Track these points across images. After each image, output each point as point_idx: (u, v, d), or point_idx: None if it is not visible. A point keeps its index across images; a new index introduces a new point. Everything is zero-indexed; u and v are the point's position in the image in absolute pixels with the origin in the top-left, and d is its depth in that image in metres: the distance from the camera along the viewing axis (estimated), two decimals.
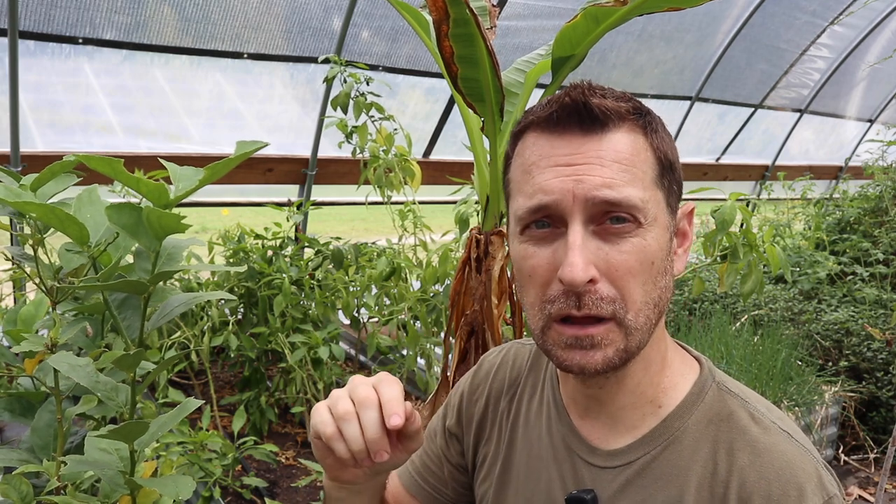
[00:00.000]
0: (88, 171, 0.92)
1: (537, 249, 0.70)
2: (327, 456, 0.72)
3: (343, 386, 0.71)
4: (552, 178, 0.68)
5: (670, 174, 0.72)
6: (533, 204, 0.69)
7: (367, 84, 3.11)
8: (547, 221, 0.69)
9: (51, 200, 0.85)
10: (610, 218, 0.67)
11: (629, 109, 0.70)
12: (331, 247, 3.27)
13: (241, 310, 3.18)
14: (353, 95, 3.07)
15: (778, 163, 6.58)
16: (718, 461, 0.70)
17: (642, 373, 0.74)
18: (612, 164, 0.67)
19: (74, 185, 0.90)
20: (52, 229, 0.84)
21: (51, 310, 0.84)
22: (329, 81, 3.15)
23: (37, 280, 0.83)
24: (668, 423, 0.74)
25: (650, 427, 0.74)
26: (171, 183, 0.76)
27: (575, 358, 0.68)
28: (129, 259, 0.86)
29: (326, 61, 3.15)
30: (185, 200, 0.75)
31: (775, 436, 0.70)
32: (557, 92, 0.73)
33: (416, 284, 3.26)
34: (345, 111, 3.08)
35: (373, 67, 3.90)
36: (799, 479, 0.66)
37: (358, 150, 3.12)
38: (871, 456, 3.21)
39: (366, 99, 3.09)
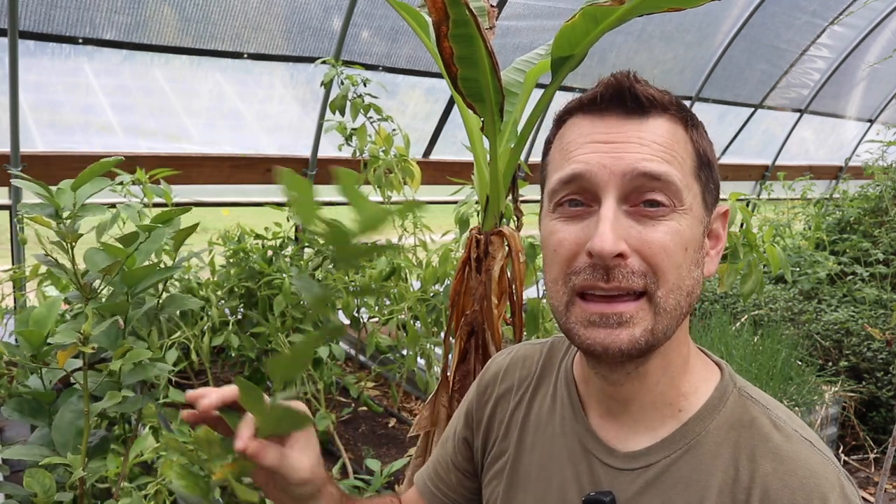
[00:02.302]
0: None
1: (566, 226, 0.69)
2: None
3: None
4: (589, 152, 0.68)
5: (708, 170, 0.72)
6: (566, 173, 0.69)
7: (365, 85, 3.10)
8: (579, 200, 0.69)
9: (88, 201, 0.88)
10: (644, 201, 0.67)
11: (672, 101, 0.71)
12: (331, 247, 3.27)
13: (241, 310, 3.18)
14: (350, 97, 3.07)
15: (778, 163, 6.58)
16: (740, 468, 0.69)
17: (661, 372, 0.73)
18: (652, 143, 0.68)
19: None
20: (83, 229, 0.87)
21: (83, 306, 0.85)
22: (326, 85, 3.15)
23: (70, 279, 0.85)
24: (690, 426, 0.73)
25: (670, 430, 0.73)
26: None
27: (598, 336, 0.66)
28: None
29: (324, 64, 3.15)
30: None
31: (798, 444, 0.69)
32: (584, 89, 0.73)
33: (416, 284, 3.25)
34: (342, 113, 3.08)
35: (373, 67, 3.90)
36: (823, 489, 0.66)
37: (358, 152, 3.12)
38: (871, 456, 3.21)
39: (363, 100, 3.08)
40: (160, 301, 0.95)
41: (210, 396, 0.72)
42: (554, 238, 0.70)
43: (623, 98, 0.69)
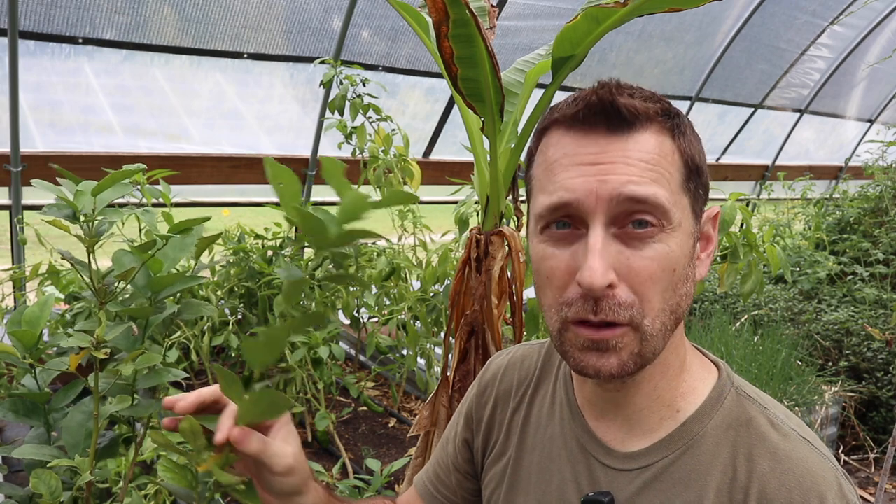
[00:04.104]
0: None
1: (556, 251, 0.69)
2: None
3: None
4: (575, 176, 0.67)
5: (697, 178, 0.71)
6: (554, 201, 0.68)
7: (364, 85, 3.11)
8: (567, 221, 0.68)
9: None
10: (633, 221, 0.66)
11: (657, 111, 0.69)
12: None
13: (241, 310, 3.18)
14: (349, 97, 3.08)
15: (778, 163, 6.58)
16: (738, 467, 0.69)
17: (660, 376, 0.74)
18: (639, 162, 0.66)
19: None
20: (107, 233, 0.87)
21: (97, 309, 0.86)
22: (326, 85, 3.15)
23: (87, 281, 0.85)
24: (688, 427, 0.73)
25: (668, 431, 0.73)
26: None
27: (591, 360, 0.67)
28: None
29: (323, 64, 3.15)
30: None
31: (795, 443, 0.69)
32: (583, 88, 0.71)
33: (416, 284, 3.25)
34: (342, 113, 3.09)
35: (373, 67, 3.90)
36: (820, 488, 0.66)
37: (357, 151, 3.12)
38: (871, 456, 3.21)
39: (363, 100, 3.09)
40: (179, 307, 0.96)
41: (187, 398, 0.71)
42: (546, 265, 0.70)
43: (606, 114, 0.67)
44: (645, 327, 0.66)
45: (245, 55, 3.54)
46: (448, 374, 1.49)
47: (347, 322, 3.33)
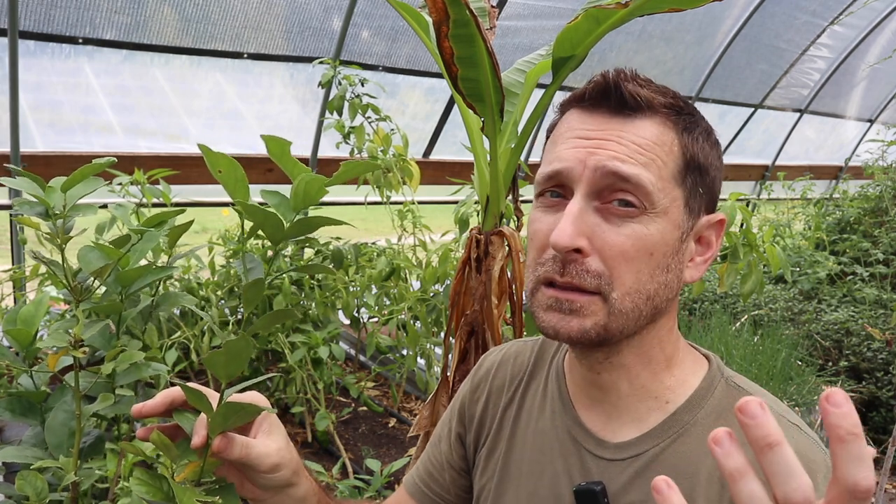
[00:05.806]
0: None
1: (544, 216, 0.72)
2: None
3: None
4: (570, 147, 0.70)
5: (697, 176, 0.72)
6: (547, 171, 0.71)
7: (363, 85, 3.11)
8: (559, 192, 0.71)
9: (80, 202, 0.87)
10: (616, 200, 0.68)
11: (665, 104, 0.70)
12: (331, 247, 3.27)
13: (241, 309, 3.18)
14: (348, 97, 3.08)
15: (778, 163, 6.58)
16: None
17: (641, 366, 0.74)
18: (631, 144, 0.68)
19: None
20: (76, 231, 0.86)
21: (74, 308, 0.85)
22: (325, 85, 3.15)
23: (61, 279, 0.84)
24: (678, 416, 0.74)
25: (658, 420, 0.75)
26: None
27: (552, 320, 0.69)
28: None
29: (322, 64, 3.15)
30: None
31: (785, 429, 0.69)
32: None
33: (416, 284, 3.25)
34: (340, 113, 3.09)
35: (373, 67, 3.90)
36: (810, 470, 0.66)
37: (356, 151, 3.12)
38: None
39: (361, 100, 3.09)
40: (154, 299, 0.94)
41: (154, 399, 0.70)
42: (532, 227, 0.74)
43: (610, 96, 0.70)
44: (613, 300, 0.68)
45: (245, 55, 3.54)
46: (448, 374, 1.49)
47: (347, 322, 3.33)
